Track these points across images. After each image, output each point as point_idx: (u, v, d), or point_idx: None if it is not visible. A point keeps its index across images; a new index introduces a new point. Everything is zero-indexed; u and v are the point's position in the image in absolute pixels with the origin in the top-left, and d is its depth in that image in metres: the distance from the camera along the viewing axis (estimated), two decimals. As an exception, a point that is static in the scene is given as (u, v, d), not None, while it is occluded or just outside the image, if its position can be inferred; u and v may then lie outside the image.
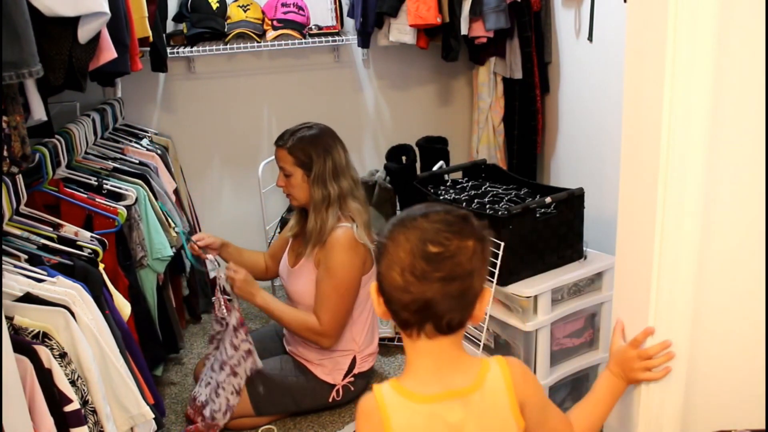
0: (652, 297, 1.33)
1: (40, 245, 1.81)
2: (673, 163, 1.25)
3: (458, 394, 1.13)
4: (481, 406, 1.14)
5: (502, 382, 1.16)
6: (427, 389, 1.13)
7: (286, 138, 2.17)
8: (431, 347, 1.12)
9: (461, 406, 1.13)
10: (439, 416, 1.12)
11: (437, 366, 1.14)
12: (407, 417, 1.12)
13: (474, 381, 1.15)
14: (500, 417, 1.15)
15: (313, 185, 2.15)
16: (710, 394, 1.42)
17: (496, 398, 1.15)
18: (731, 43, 1.21)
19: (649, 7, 1.22)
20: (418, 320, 1.10)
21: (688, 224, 1.29)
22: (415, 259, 1.06)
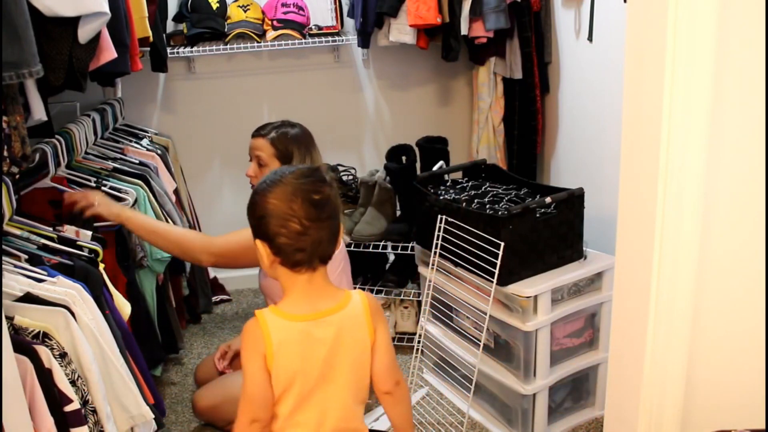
0: (652, 297, 1.33)
1: (40, 245, 1.81)
2: (673, 163, 1.25)
3: (325, 313, 1.40)
4: (343, 323, 1.41)
5: (361, 307, 1.44)
6: (300, 310, 1.39)
7: (269, 129, 2.21)
8: (310, 278, 1.39)
9: (327, 324, 1.40)
10: (309, 332, 1.38)
11: (310, 292, 1.40)
12: (283, 332, 1.37)
13: (338, 304, 1.42)
14: (358, 333, 1.43)
15: None
16: (710, 394, 1.42)
17: (355, 318, 1.43)
18: (731, 43, 1.21)
19: (649, 7, 1.23)
20: (309, 257, 1.36)
21: (688, 224, 1.29)
22: (308, 207, 1.33)
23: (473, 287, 2.17)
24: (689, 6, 1.16)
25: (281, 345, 1.37)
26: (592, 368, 2.23)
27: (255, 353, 1.37)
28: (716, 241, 1.33)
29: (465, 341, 2.27)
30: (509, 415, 2.19)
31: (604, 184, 2.32)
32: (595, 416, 2.27)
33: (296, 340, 1.38)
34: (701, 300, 1.36)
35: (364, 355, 1.44)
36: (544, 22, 2.81)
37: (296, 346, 1.38)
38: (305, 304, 1.40)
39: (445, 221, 2.19)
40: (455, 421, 2.25)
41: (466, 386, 2.18)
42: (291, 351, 1.37)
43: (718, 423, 1.39)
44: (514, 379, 2.12)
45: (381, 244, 2.70)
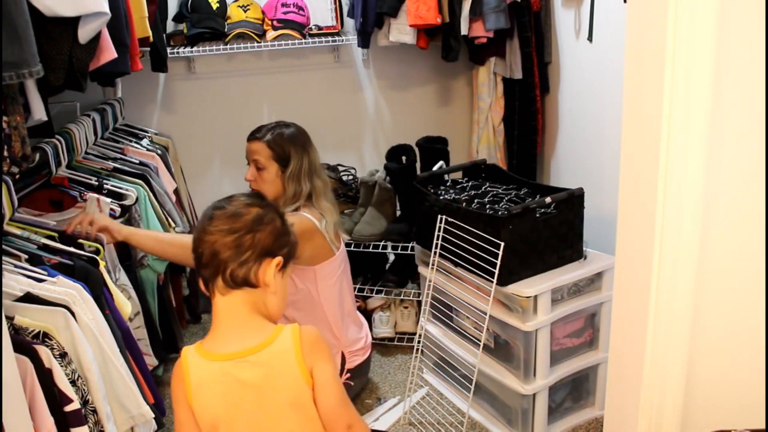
0: (652, 297, 1.33)
1: (41, 245, 1.81)
2: (673, 163, 1.25)
3: (248, 352, 1.26)
4: (269, 363, 1.26)
5: (291, 343, 1.26)
6: (221, 349, 1.27)
7: (264, 132, 2.21)
8: (226, 304, 1.28)
9: (251, 364, 1.25)
10: (230, 374, 1.25)
11: (231, 325, 1.28)
12: (201, 373, 1.26)
13: (264, 340, 1.27)
14: (289, 374, 1.26)
15: (288, 181, 2.18)
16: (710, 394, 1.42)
17: (284, 355, 1.26)
18: (731, 43, 1.21)
19: (649, 7, 1.23)
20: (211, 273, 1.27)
21: (688, 224, 1.29)
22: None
23: (473, 287, 2.17)
24: (689, 6, 1.16)
25: (199, 386, 1.26)
26: (592, 368, 2.23)
27: (178, 393, 1.30)
28: (716, 241, 1.33)
29: (465, 341, 2.27)
30: (509, 415, 2.19)
31: (604, 184, 2.32)
32: (595, 416, 2.27)
33: (216, 381, 1.26)
34: (701, 300, 1.36)
35: (303, 396, 1.28)
36: (544, 22, 2.81)
37: (216, 389, 1.26)
38: (228, 341, 1.28)
39: (445, 221, 2.19)
40: (455, 421, 2.25)
41: (466, 386, 2.18)
42: (210, 394, 1.26)
43: (718, 423, 1.39)
44: (514, 379, 2.11)
45: (381, 244, 2.70)
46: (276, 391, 1.27)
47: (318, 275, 2.23)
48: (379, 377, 2.55)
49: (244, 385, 1.25)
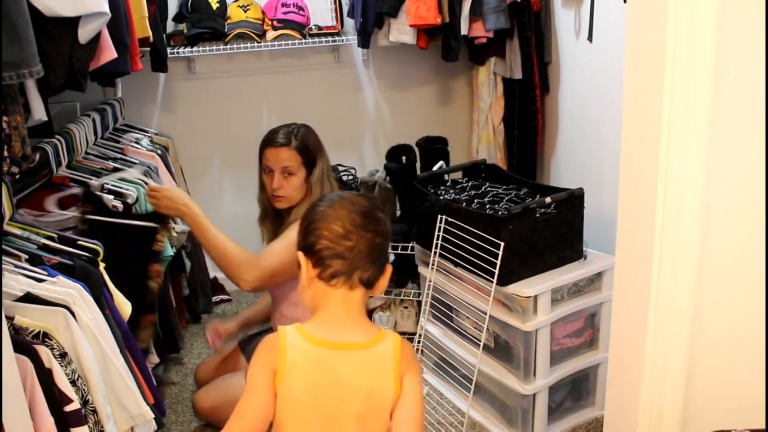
0: (652, 297, 1.33)
1: (41, 245, 1.81)
2: (673, 163, 1.25)
3: (350, 347, 1.29)
4: (367, 365, 1.29)
5: (392, 351, 1.30)
6: (324, 335, 1.29)
7: (287, 136, 2.16)
8: (346, 298, 1.30)
9: (348, 358, 1.28)
10: (327, 361, 1.27)
11: (341, 317, 1.30)
12: (300, 353, 1.27)
13: (368, 341, 1.30)
14: (381, 379, 1.28)
15: (315, 185, 2.16)
16: (710, 394, 1.42)
17: (382, 362, 1.29)
18: (731, 43, 1.21)
19: (649, 7, 1.23)
20: (348, 269, 1.27)
21: (688, 224, 1.29)
22: (354, 214, 1.29)
23: (473, 287, 2.17)
24: (689, 6, 1.17)
25: (294, 365, 1.27)
26: (592, 368, 2.23)
27: (265, 365, 1.28)
28: (716, 241, 1.33)
29: (465, 341, 2.27)
30: (509, 415, 2.19)
31: (604, 184, 2.32)
32: (595, 416, 2.27)
33: (311, 363, 1.28)
34: (701, 300, 1.36)
35: (383, 400, 1.29)
36: (544, 22, 2.81)
37: (309, 370, 1.27)
38: (333, 330, 1.30)
39: (445, 221, 2.19)
40: (455, 421, 2.25)
41: (466, 386, 2.18)
42: (303, 374, 1.27)
43: (718, 423, 1.39)
44: (514, 379, 2.11)
45: (381, 244, 2.70)
46: (360, 389, 1.28)
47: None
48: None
49: (336, 375, 1.27)
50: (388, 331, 1.34)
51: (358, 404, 1.28)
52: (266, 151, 2.16)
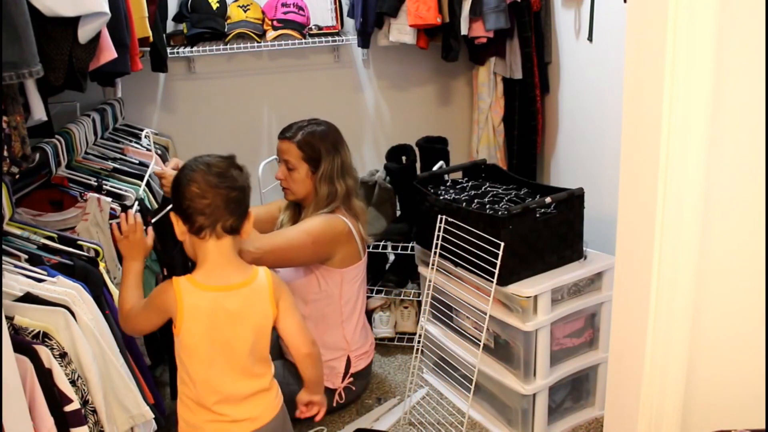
0: (652, 297, 1.33)
1: (40, 245, 1.81)
2: (673, 163, 1.25)
3: (235, 287, 1.57)
4: (250, 297, 1.59)
5: (266, 282, 1.62)
6: (212, 281, 1.56)
7: (294, 131, 2.18)
8: (217, 246, 1.55)
9: (236, 296, 1.57)
10: (219, 303, 1.55)
11: (220, 263, 1.57)
12: (195, 299, 1.54)
13: (247, 279, 1.59)
14: (263, 306, 1.60)
15: (320, 182, 2.17)
16: (710, 394, 1.42)
17: (261, 293, 1.60)
18: (731, 43, 1.21)
19: (649, 7, 1.23)
20: (211, 222, 1.53)
21: (688, 224, 1.29)
22: (209, 175, 1.54)
23: (473, 287, 2.17)
24: (689, 6, 1.17)
25: (191, 310, 1.53)
26: (592, 368, 2.23)
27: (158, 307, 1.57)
28: (716, 241, 1.33)
29: (465, 341, 2.27)
30: (509, 415, 2.19)
31: (604, 184, 2.32)
32: (595, 416, 2.27)
33: (206, 307, 1.54)
34: (701, 300, 1.36)
35: (266, 323, 1.62)
36: (544, 22, 2.81)
37: (205, 314, 1.54)
38: (217, 276, 1.57)
39: (445, 221, 2.19)
40: (455, 421, 2.25)
41: (466, 386, 2.18)
42: (200, 317, 1.54)
43: (718, 423, 1.39)
44: (514, 379, 2.11)
45: (381, 244, 2.70)
46: (249, 318, 1.58)
47: (344, 278, 2.23)
48: (379, 377, 2.55)
49: (227, 312, 1.55)
50: (257, 267, 1.64)
51: (248, 332, 1.58)
52: (278, 142, 2.22)
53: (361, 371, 2.33)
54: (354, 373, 2.31)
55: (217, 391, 1.57)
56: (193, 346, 1.56)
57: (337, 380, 2.28)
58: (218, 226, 1.54)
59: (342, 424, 2.30)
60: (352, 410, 2.36)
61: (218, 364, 1.57)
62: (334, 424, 2.30)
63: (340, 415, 2.34)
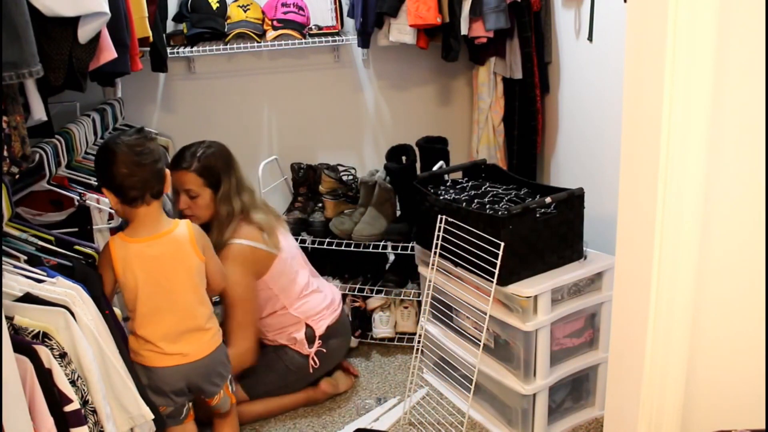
0: (652, 297, 1.33)
1: (40, 246, 1.81)
2: (673, 163, 1.25)
3: (157, 236, 1.88)
4: (171, 243, 1.90)
5: (186, 231, 1.92)
6: (138, 235, 1.87)
7: (189, 160, 2.22)
8: (147, 211, 1.87)
9: (158, 244, 1.88)
10: (144, 251, 1.86)
11: (147, 222, 1.87)
12: (125, 252, 1.85)
13: (168, 229, 1.90)
14: (184, 251, 1.91)
15: (220, 203, 2.22)
16: (710, 394, 1.42)
17: (181, 239, 1.91)
18: (731, 43, 1.21)
19: (649, 7, 1.23)
20: (142, 194, 1.84)
21: (688, 224, 1.29)
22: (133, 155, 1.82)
23: (473, 287, 2.17)
24: (689, 6, 1.17)
25: (124, 261, 1.84)
26: (592, 368, 2.23)
27: (105, 265, 1.86)
28: (716, 241, 1.33)
29: (465, 341, 2.27)
30: (509, 415, 2.19)
31: (604, 184, 2.32)
32: (595, 416, 2.27)
33: (135, 256, 1.85)
34: (701, 300, 1.36)
35: (193, 265, 1.92)
36: (544, 22, 2.81)
37: (135, 261, 1.84)
38: (144, 231, 1.87)
39: (445, 221, 2.19)
40: (455, 421, 2.25)
41: (466, 386, 2.18)
42: (131, 265, 1.84)
43: (718, 423, 1.39)
44: (514, 379, 2.11)
45: (381, 244, 2.70)
46: (176, 262, 1.89)
47: (269, 279, 2.31)
48: (379, 377, 2.55)
49: (155, 258, 1.87)
50: (179, 220, 1.95)
51: (179, 275, 1.89)
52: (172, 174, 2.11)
53: (329, 330, 2.39)
54: (322, 336, 2.36)
55: (155, 328, 1.87)
56: (130, 290, 1.85)
57: (304, 347, 2.34)
58: (147, 195, 1.84)
59: (342, 424, 2.30)
60: (352, 410, 2.36)
61: (157, 304, 1.87)
62: (334, 424, 2.30)
63: (339, 415, 2.34)
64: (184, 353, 1.90)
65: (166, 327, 1.88)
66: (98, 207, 2.10)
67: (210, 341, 1.96)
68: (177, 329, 1.89)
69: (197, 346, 1.93)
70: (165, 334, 1.88)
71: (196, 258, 1.92)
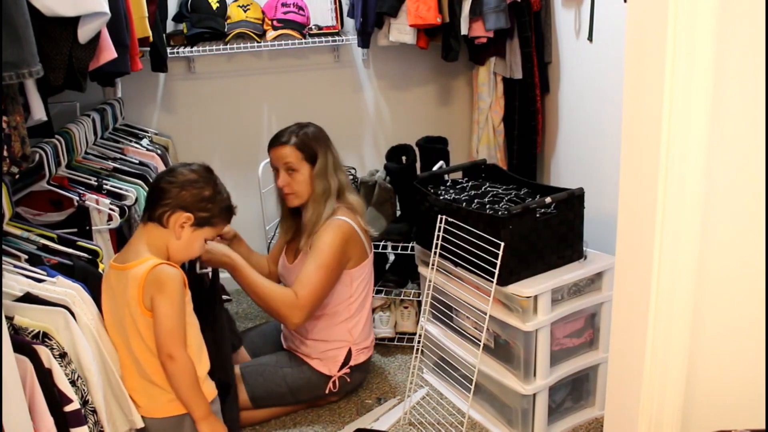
0: (652, 297, 1.33)
1: (40, 245, 1.81)
2: (673, 163, 1.25)
3: (121, 267, 1.68)
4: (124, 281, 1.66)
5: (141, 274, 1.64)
6: (117, 260, 1.71)
7: (288, 135, 2.23)
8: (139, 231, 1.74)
9: (121, 277, 1.67)
10: (110, 278, 1.69)
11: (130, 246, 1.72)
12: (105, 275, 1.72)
13: (133, 263, 1.66)
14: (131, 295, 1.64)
15: (315, 178, 2.22)
16: (710, 394, 1.42)
17: (133, 281, 1.65)
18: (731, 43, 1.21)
19: (649, 7, 1.23)
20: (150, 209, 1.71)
21: (688, 224, 1.29)
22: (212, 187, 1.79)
23: (473, 287, 2.17)
24: (689, 6, 1.17)
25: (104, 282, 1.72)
26: (592, 368, 2.23)
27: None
28: (716, 241, 1.33)
29: (465, 341, 2.27)
30: (509, 415, 2.19)
31: (604, 184, 2.32)
32: (595, 416, 2.27)
33: (106, 281, 1.71)
34: (701, 300, 1.36)
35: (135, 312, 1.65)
36: (544, 22, 2.81)
37: (105, 287, 1.71)
38: (121, 255, 1.72)
39: (445, 221, 2.19)
40: (455, 421, 2.25)
41: (466, 386, 2.18)
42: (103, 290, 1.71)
43: (718, 423, 1.39)
44: (514, 379, 2.11)
45: (381, 244, 2.70)
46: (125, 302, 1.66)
47: (353, 278, 2.28)
48: (379, 377, 2.55)
49: (113, 289, 1.69)
50: (152, 259, 1.67)
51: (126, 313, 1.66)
52: (270, 152, 2.26)
53: (359, 365, 2.36)
54: (352, 366, 2.33)
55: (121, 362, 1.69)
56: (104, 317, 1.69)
57: (334, 368, 2.31)
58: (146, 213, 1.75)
59: (342, 424, 2.30)
60: (352, 410, 2.36)
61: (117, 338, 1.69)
62: (334, 424, 2.30)
63: (339, 415, 2.34)
64: (138, 404, 1.69)
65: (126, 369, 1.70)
66: (97, 208, 2.10)
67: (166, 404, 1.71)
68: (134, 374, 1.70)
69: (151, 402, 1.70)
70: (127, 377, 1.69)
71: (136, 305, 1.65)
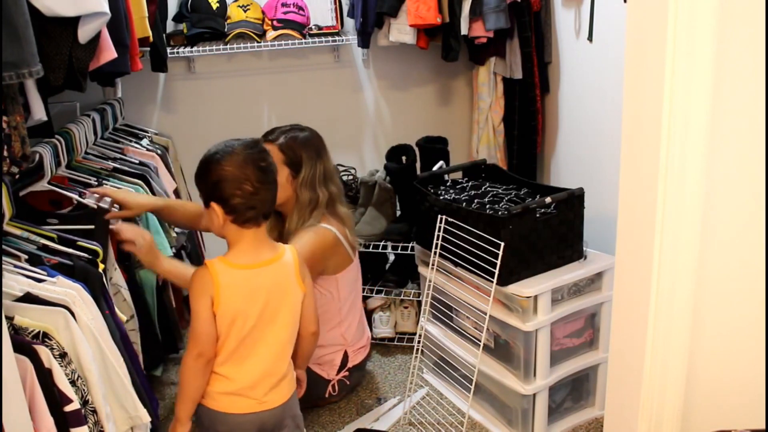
0: (652, 297, 1.33)
1: (40, 245, 1.81)
2: (673, 163, 1.25)
3: (265, 263, 1.66)
4: (279, 272, 1.68)
5: (292, 259, 1.71)
6: (244, 261, 1.64)
7: (277, 134, 2.19)
8: (255, 233, 1.65)
9: (266, 272, 1.66)
10: (250, 279, 1.64)
11: (255, 245, 1.66)
12: (228, 278, 1.62)
13: (275, 256, 1.69)
14: (291, 280, 1.70)
15: (300, 187, 2.17)
16: (710, 394, 1.42)
17: (288, 268, 1.70)
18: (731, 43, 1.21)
19: (649, 7, 1.23)
20: (257, 215, 1.62)
21: (688, 224, 1.29)
22: (258, 172, 1.60)
23: (473, 287, 2.17)
24: (689, 6, 1.17)
25: (226, 288, 1.60)
26: (592, 368, 2.23)
27: (203, 295, 1.60)
28: (716, 241, 1.33)
29: (465, 341, 2.27)
30: (509, 415, 2.19)
31: (604, 184, 2.32)
32: (595, 416, 2.27)
33: (239, 284, 1.62)
34: (701, 300, 1.36)
35: (297, 298, 1.71)
36: (544, 22, 2.81)
37: (239, 290, 1.62)
38: (249, 256, 1.65)
39: (445, 221, 2.19)
40: (455, 421, 2.25)
41: (466, 386, 2.18)
42: (234, 294, 1.61)
43: (718, 423, 1.39)
44: (514, 379, 2.11)
45: (381, 244, 2.70)
46: (282, 293, 1.68)
47: (339, 282, 2.27)
48: (379, 377, 2.55)
49: (259, 287, 1.64)
50: (284, 245, 1.74)
51: (285, 307, 1.68)
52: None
53: (357, 365, 2.37)
54: (350, 367, 2.34)
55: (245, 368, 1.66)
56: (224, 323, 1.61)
57: (332, 371, 2.31)
58: (261, 216, 1.64)
59: (342, 424, 2.30)
60: (352, 410, 2.36)
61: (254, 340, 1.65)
62: (334, 424, 2.30)
63: (339, 415, 2.34)
64: (261, 399, 1.68)
65: (256, 366, 1.67)
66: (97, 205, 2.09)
67: (287, 387, 1.74)
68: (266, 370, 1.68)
69: (276, 392, 1.71)
70: (252, 374, 1.67)
71: (299, 288, 1.72)
